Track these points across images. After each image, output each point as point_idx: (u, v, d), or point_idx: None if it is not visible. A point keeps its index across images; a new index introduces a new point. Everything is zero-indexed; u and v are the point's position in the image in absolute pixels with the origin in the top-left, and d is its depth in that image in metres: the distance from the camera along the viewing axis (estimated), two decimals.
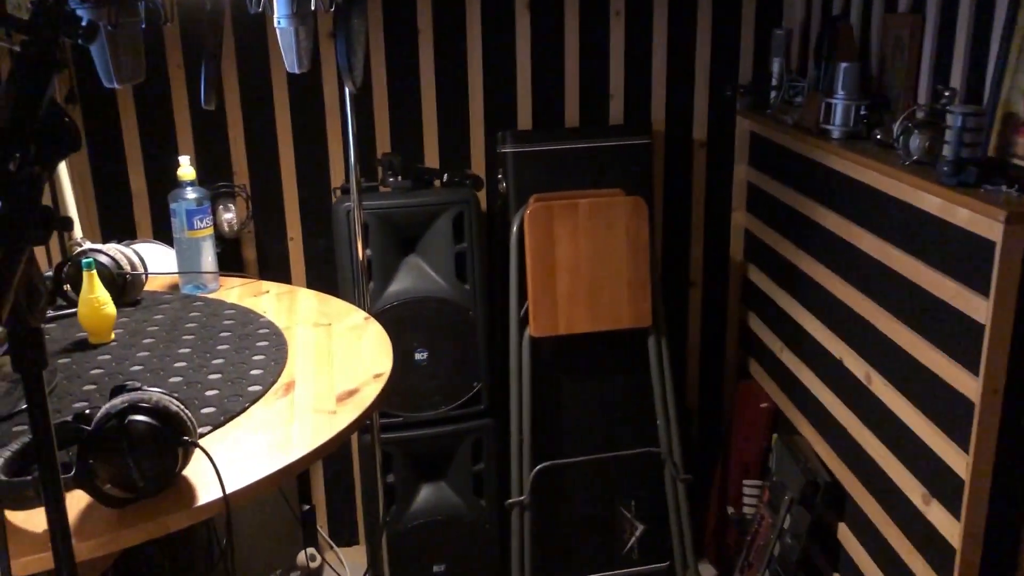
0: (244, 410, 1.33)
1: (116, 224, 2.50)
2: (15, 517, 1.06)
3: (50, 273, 1.73)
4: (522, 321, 2.46)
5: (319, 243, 2.62)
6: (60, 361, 1.51)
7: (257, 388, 1.39)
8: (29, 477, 1.03)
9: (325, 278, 2.61)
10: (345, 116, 1.91)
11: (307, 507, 2.74)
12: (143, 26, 1.07)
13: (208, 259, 1.86)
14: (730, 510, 2.68)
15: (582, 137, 2.52)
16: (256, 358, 1.51)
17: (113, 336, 1.61)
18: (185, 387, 1.40)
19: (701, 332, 2.91)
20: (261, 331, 1.64)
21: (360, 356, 1.54)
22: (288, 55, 1.51)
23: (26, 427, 1.28)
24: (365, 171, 2.49)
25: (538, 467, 2.50)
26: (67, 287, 1.72)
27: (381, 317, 2.34)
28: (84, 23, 0.90)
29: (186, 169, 1.82)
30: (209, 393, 1.38)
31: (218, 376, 1.44)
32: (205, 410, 1.32)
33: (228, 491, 1.11)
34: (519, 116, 2.63)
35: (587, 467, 2.57)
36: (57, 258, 2.11)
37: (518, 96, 2.61)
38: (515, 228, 2.43)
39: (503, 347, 2.53)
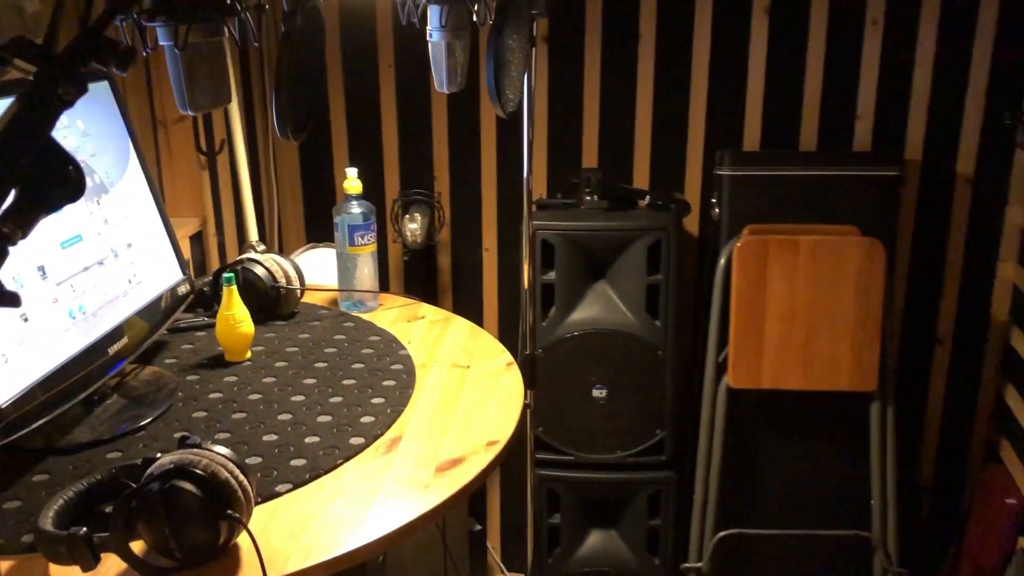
0: (334, 468, 1.20)
1: (320, 226, 2.50)
2: (57, 572, 0.99)
3: (209, 279, 1.71)
4: (720, 368, 2.19)
5: (513, 257, 2.48)
6: (188, 378, 1.47)
7: (359, 441, 1.26)
8: (66, 532, 0.96)
9: (516, 293, 2.47)
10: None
11: (478, 527, 2.63)
12: (238, 43, 0.96)
13: (366, 276, 1.76)
14: None
15: (816, 163, 2.19)
16: (375, 400, 1.39)
17: (249, 355, 1.55)
18: (289, 428, 1.30)
19: (944, 399, 2.46)
20: (395, 367, 1.51)
21: (484, 413, 1.36)
22: (437, 71, 1.35)
23: (121, 453, 1.23)
24: (564, 187, 2.31)
25: (722, 533, 2.22)
26: None
27: (560, 347, 2.17)
28: (119, 49, 0.78)
29: (352, 182, 1.73)
30: (309, 440, 1.27)
31: (328, 419, 1.33)
32: (294, 462, 1.21)
33: None
34: (746, 136, 2.33)
35: (781, 542, 2.26)
36: (232, 257, 2.13)
37: (747, 113, 2.31)
38: (723, 261, 2.16)
39: (695, 394, 2.27)
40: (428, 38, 1.34)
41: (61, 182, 0.72)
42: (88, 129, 1.38)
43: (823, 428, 2.23)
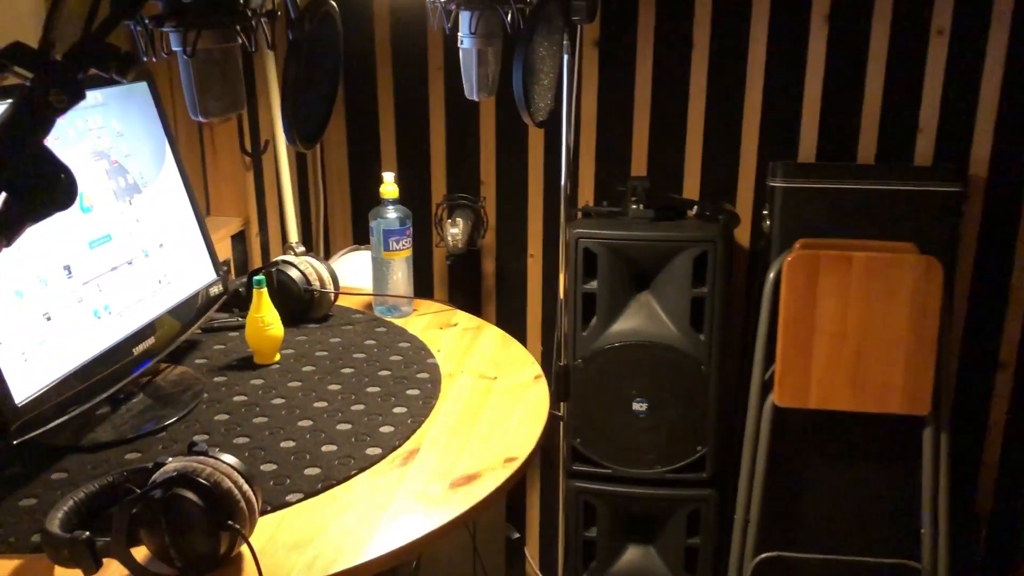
0: (348, 478, 1.19)
1: (367, 228, 2.49)
2: (62, 573, 1.00)
3: (244, 279, 1.72)
4: (765, 385, 2.12)
5: (558, 263, 2.44)
6: (215, 379, 1.47)
7: (376, 451, 1.25)
8: (69, 535, 0.96)
9: None
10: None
11: (516, 535, 2.61)
12: (253, 49, 0.95)
13: (401, 281, 1.75)
14: None
15: (873, 177, 2.11)
16: (397, 410, 1.37)
17: (278, 357, 1.55)
18: (308, 436, 1.29)
19: (1006, 426, 2.35)
20: (421, 375, 1.49)
21: (505, 427, 1.34)
22: (467, 79, 1.33)
23: (140, 455, 1.23)
24: (611, 195, 2.28)
25: (763, 556, 2.15)
26: None
27: (600, 357, 2.13)
28: (118, 55, 0.78)
29: (388, 187, 1.72)
30: (326, 449, 1.26)
31: (348, 427, 1.32)
32: (308, 471, 1.20)
33: None
34: (801, 147, 2.26)
35: (823, 567, 2.18)
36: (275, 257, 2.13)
37: (802, 123, 2.24)
38: (771, 275, 2.10)
39: (738, 411, 2.21)
40: (459, 44, 1.32)
41: (51, 190, 0.72)
42: (123, 129, 1.39)
43: (872, 451, 2.15)
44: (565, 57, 1.52)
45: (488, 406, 1.40)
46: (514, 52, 1.21)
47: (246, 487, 1.00)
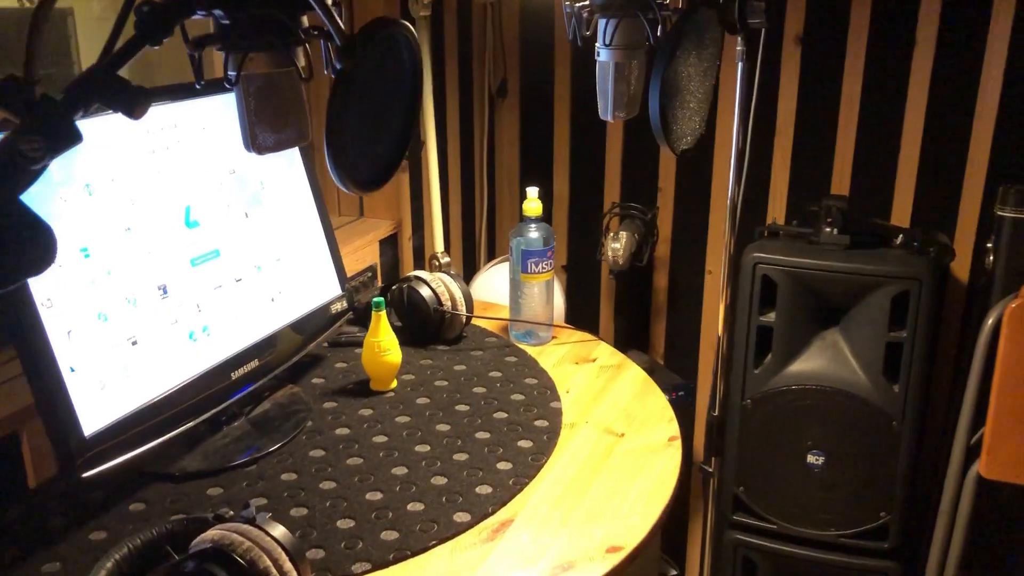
0: (424, 550, 1.06)
1: None
2: None
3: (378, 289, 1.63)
4: (971, 452, 1.80)
5: (739, 281, 2.19)
6: (324, 405, 1.39)
7: (464, 519, 1.11)
8: None
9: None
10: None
11: (673, 573, 2.41)
12: (304, 78, 0.81)
13: (540, 306, 1.60)
14: None
15: None
16: (501, 465, 1.22)
17: (395, 384, 1.44)
18: (398, 488, 1.17)
19: None
20: (539, 423, 1.34)
21: (619, 503, 1.15)
22: (603, 96, 1.14)
23: (222, 491, 1.16)
24: (802, 215, 2.00)
25: None
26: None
27: (774, 399, 1.88)
28: (127, 91, 0.67)
29: (531, 203, 1.57)
30: (412, 507, 1.13)
31: (443, 482, 1.19)
32: (385, 534, 1.08)
33: None
34: None
35: None
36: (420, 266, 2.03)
37: None
38: (989, 323, 1.77)
39: (936, 476, 1.89)
40: (596, 56, 1.14)
41: (18, 253, 0.62)
42: None
43: None
44: (739, 65, 1.29)
45: (606, 472, 1.22)
46: (651, 70, 1.02)
47: (289, 566, 0.89)
